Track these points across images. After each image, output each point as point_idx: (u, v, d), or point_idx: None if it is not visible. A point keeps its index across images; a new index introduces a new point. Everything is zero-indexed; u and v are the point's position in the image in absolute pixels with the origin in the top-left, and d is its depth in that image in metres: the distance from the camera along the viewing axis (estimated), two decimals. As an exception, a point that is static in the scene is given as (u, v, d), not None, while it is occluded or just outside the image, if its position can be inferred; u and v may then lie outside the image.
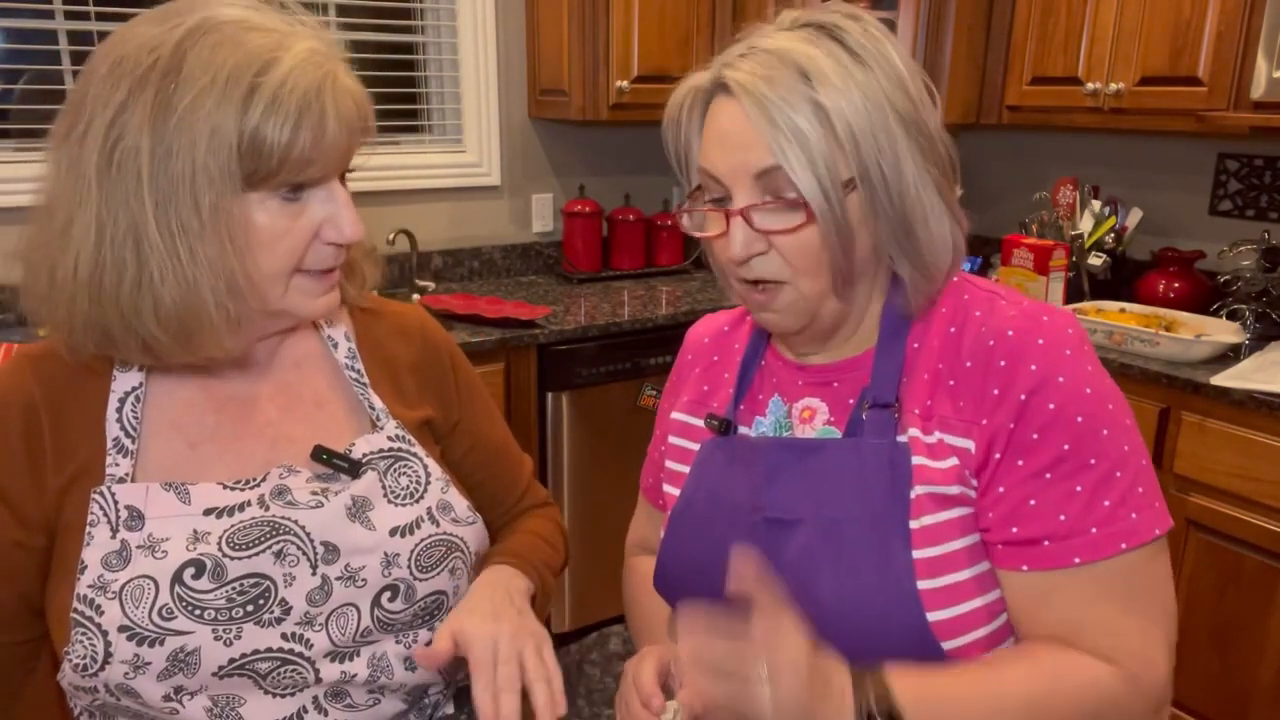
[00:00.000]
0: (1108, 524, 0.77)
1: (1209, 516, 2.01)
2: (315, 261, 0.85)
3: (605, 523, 2.55)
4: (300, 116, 0.78)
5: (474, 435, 1.05)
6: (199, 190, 0.77)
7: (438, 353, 1.05)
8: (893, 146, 0.78)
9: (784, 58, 0.78)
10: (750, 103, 0.77)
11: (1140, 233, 2.63)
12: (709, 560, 0.88)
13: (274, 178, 0.79)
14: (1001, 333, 0.81)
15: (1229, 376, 1.97)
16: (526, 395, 2.44)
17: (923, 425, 0.82)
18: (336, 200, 0.84)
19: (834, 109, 0.76)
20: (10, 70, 2.32)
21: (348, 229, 0.85)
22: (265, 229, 0.81)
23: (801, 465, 0.85)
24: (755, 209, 0.79)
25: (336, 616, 0.86)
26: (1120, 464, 0.78)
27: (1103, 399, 0.79)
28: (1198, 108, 2.17)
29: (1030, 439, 0.78)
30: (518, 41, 2.91)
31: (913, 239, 0.81)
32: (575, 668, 1.04)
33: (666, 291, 2.87)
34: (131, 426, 0.86)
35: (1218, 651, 2.04)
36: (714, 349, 1.02)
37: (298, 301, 0.86)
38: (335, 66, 0.82)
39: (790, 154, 0.76)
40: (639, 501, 1.12)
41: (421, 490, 0.93)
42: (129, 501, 0.83)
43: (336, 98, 0.80)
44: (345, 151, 0.84)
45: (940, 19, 2.62)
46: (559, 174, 3.10)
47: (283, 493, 0.87)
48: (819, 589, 0.80)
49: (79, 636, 0.79)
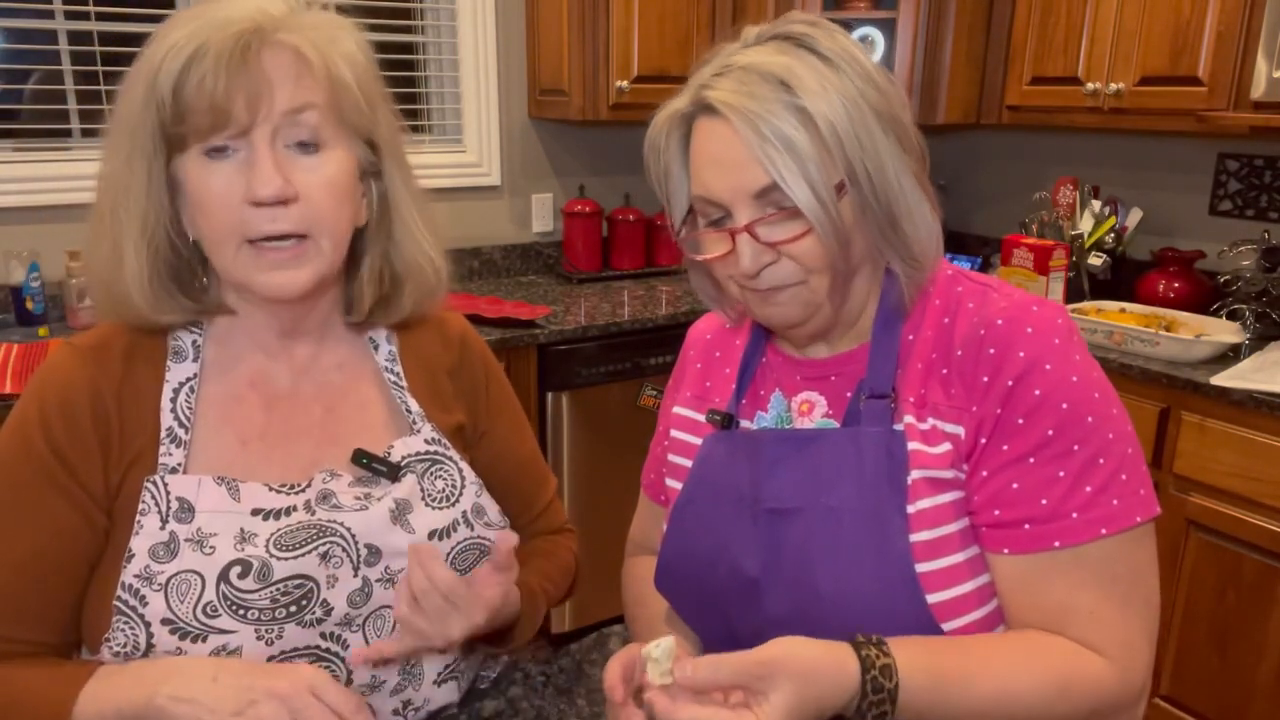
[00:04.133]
0: (1088, 509, 0.78)
1: (1209, 516, 2.01)
2: (251, 226, 0.82)
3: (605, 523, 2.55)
4: (189, 62, 0.78)
5: (498, 448, 1.06)
6: (128, 146, 0.82)
7: (474, 362, 1.06)
8: (873, 144, 0.80)
9: (761, 71, 0.79)
10: (738, 119, 0.78)
11: (1140, 233, 2.63)
12: (710, 554, 0.89)
13: (179, 129, 0.80)
14: (991, 322, 0.82)
15: (1229, 376, 1.97)
16: (526, 395, 2.44)
17: (917, 413, 0.83)
18: (255, 156, 0.81)
19: (817, 113, 0.78)
20: (10, 70, 2.32)
21: (259, 186, 0.80)
22: (196, 188, 0.82)
23: (800, 455, 0.86)
24: (760, 223, 0.80)
25: (374, 618, 0.88)
26: (1104, 450, 0.79)
27: (1088, 387, 0.80)
28: (1198, 108, 2.17)
29: (1015, 424, 0.79)
30: (518, 41, 2.91)
31: (899, 233, 0.83)
32: (575, 668, 1.04)
33: (666, 291, 2.87)
34: (185, 417, 0.87)
35: (1218, 651, 2.04)
36: (716, 345, 1.03)
37: (246, 275, 0.85)
38: (275, 24, 0.81)
39: (782, 166, 0.77)
40: (640, 499, 1.12)
41: (457, 494, 0.94)
42: (180, 493, 0.84)
43: (234, 46, 0.78)
44: (256, 103, 0.80)
45: (940, 19, 2.62)
46: (559, 174, 3.10)
47: (328, 497, 0.88)
48: (818, 576, 0.81)
49: (120, 625, 0.80)
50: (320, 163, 0.84)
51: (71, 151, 2.37)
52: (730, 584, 0.87)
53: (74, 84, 2.35)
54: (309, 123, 0.83)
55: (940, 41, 2.64)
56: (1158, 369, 2.07)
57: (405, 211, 0.94)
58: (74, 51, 2.34)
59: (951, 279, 0.89)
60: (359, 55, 0.87)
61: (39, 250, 2.28)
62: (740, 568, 0.86)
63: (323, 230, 0.85)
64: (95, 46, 2.34)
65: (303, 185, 0.82)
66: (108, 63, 2.36)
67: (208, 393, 0.90)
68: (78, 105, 2.36)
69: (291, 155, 0.83)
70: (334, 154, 0.85)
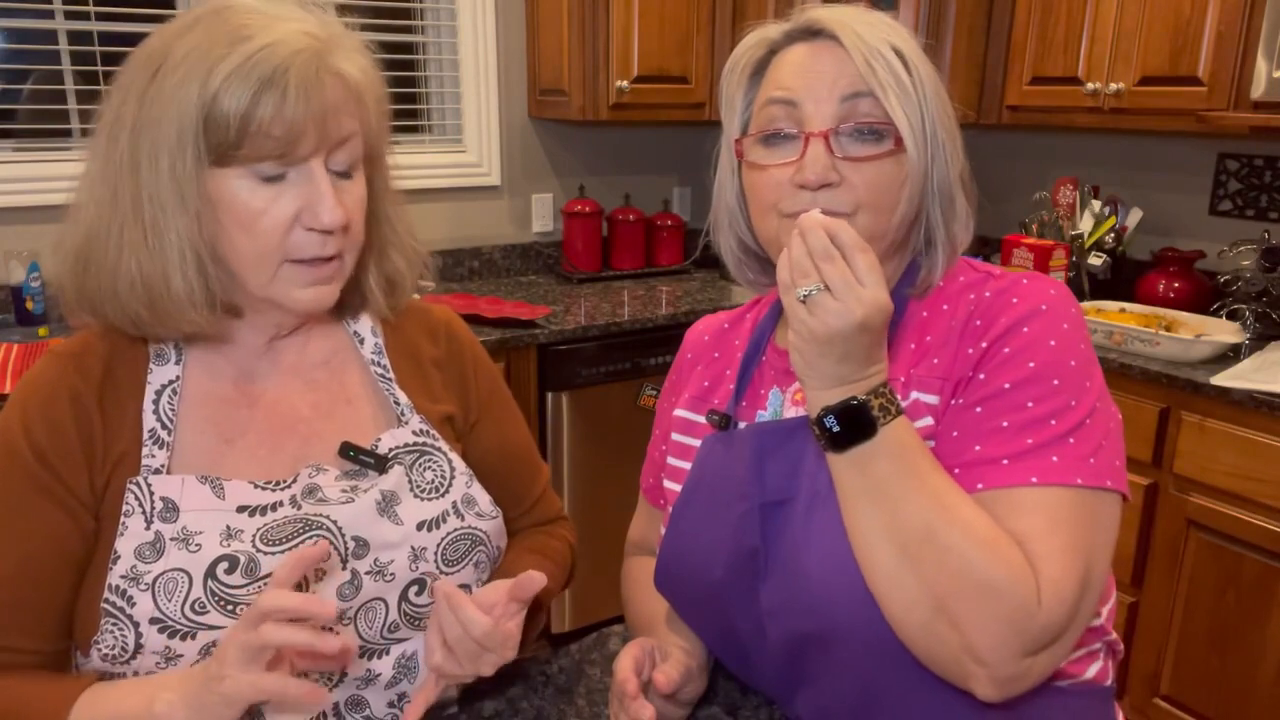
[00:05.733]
0: (1021, 459, 0.76)
1: (1209, 516, 2.01)
2: (300, 249, 0.84)
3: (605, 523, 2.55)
4: (261, 88, 0.77)
5: (489, 438, 1.06)
6: (168, 161, 0.79)
7: (461, 352, 1.06)
8: (949, 119, 0.84)
9: (865, 15, 0.84)
10: (850, 35, 0.81)
11: (1140, 233, 2.63)
12: (709, 555, 0.89)
13: (237, 151, 0.79)
14: (981, 296, 0.84)
15: (1229, 376, 1.97)
16: (526, 395, 2.44)
17: (901, 390, 0.83)
18: (316, 183, 0.82)
19: (914, 63, 0.82)
20: (10, 70, 2.32)
21: (325, 215, 0.82)
22: (241, 208, 0.81)
23: (788, 445, 0.86)
24: (840, 132, 0.82)
25: (365, 611, 0.88)
26: (1058, 413, 0.77)
27: (1065, 353, 0.79)
28: (1198, 108, 2.17)
29: (979, 379, 0.80)
30: (518, 41, 2.91)
31: (954, 206, 0.86)
32: (575, 668, 1.04)
33: (666, 291, 2.87)
34: (168, 418, 0.87)
35: (1218, 651, 2.04)
36: (714, 346, 1.03)
37: (283, 291, 0.85)
38: (326, 47, 0.81)
39: (888, 84, 0.80)
40: (639, 501, 1.12)
41: (446, 484, 0.94)
42: (164, 493, 0.84)
43: (307, 75, 0.79)
44: (323, 132, 0.81)
45: (940, 19, 2.62)
46: (559, 174, 3.10)
47: (313, 491, 0.88)
48: (806, 561, 0.81)
49: (109, 627, 0.80)
50: (354, 185, 0.87)
51: (71, 151, 2.37)
52: (729, 583, 0.87)
53: (74, 84, 2.35)
54: (352, 150, 0.85)
55: (940, 41, 2.64)
56: (1157, 369, 2.07)
57: (391, 210, 0.97)
58: (74, 51, 2.34)
59: (954, 270, 0.90)
60: (376, 72, 0.89)
61: (39, 250, 2.28)
62: (738, 566, 0.86)
63: (351, 247, 0.89)
64: (95, 46, 2.34)
65: (344, 207, 0.85)
66: (108, 63, 2.36)
67: (192, 393, 0.89)
68: (77, 105, 2.36)
69: (334, 180, 0.84)
70: (360, 176, 0.88)
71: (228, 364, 0.92)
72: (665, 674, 0.86)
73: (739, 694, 0.98)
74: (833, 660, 0.82)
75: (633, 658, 0.84)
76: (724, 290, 2.89)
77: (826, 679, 0.84)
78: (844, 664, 0.82)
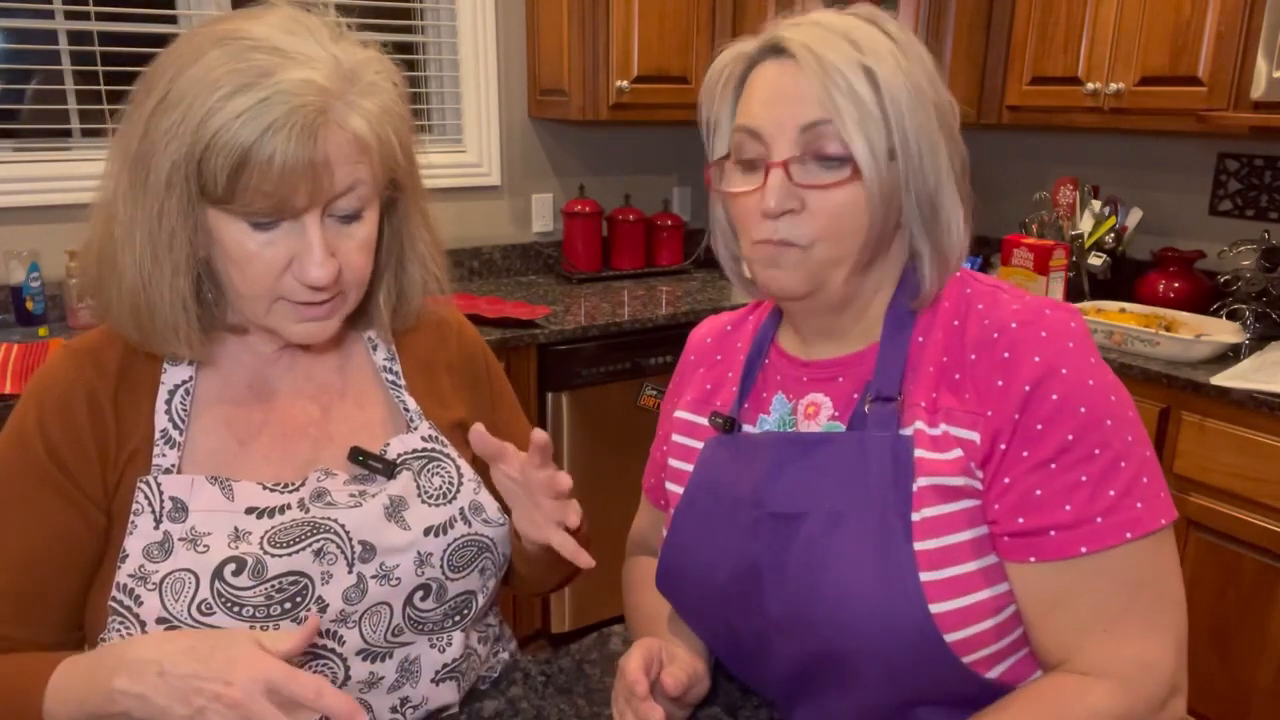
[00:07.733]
0: (1113, 513, 0.77)
1: (1209, 516, 2.01)
2: (293, 293, 0.83)
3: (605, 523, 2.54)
4: (252, 146, 0.75)
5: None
6: (164, 191, 0.78)
7: (473, 356, 1.06)
8: (929, 126, 0.81)
9: (835, 29, 0.81)
10: (808, 59, 0.80)
11: (1140, 233, 2.63)
12: (711, 557, 0.89)
13: (228, 204, 0.78)
14: (1005, 325, 0.82)
15: (1229, 376, 1.97)
16: (526, 395, 2.44)
17: (928, 418, 0.82)
18: (307, 238, 0.80)
19: (883, 78, 0.79)
20: (10, 70, 2.32)
21: (311, 271, 0.81)
22: (235, 248, 0.81)
23: (805, 460, 0.85)
24: (797, 161, 0.81)
25: (370, 615, 0.88)
26: (1124, 454, 0.78)
27: (1105, 391, 0.80)
28: (1198, 108, 2.17)
29: (1034, 429, 0.78)
30: (518, 41, 2.91)
31: (937, 219, 0.84)
32: (575, 668, 1.04)
33: (666, 291, 2.87)
34: (180, 419, 0.88)
35: (1218, 651, 2.04)
36: (717, 348, 1.03)
37: (279, 324, 0.86)
38: (329, 101, 0.77)
39: (844, 110, 0.78)
40: (641, 501, 1.12)
41: (454, 491, 0.95)
42: (174, 493, 0.84)
43: (303, 132, 0.75)
44: (317, 188, 0.79)
45: (940, 19, 2.62)
46: (559, 174, 3.10)
47: (322, 495, 0.89)
48: (820, 580, 0.81)
49: (116, 625, 0.81)
50: (360, 228, 0.85)
51: (71, 152, 2.37)
52: (731, 586, 0.87)
53: (74, 84, 2.35)
54: (358, 197, 0.83)
55: (940, 41, 2.64)
56: (1158, 369, 2.07)
57: (418, 234, 0.96)
58: (74, 52, 2.34)
59: (960, 280, 0.88)
60: (400, 107, 0.85)
61: (39, 250, 2.28)
62: (742, 571, 0.86)
63: (353, 285, 0.87)
64: (95, 47, 2.34)
65: (343, 253, 0.83)
66: (108, 63, 2.35)
67: (204, 394, 0.90)
68: (78, 105, 2.36)
69: (334, 225, 0.83)
70: (370, 215, 0.86)
71: (241, 366, 0.92)
72: (673, 676, 0.86)
73: (739, 694, 0.98)
74: (840, 679, 0.82)
75: (641, 658, 0.84)
76: (724, 290, 2.89)
77: (831, 695, 0.84)
78: (851, 683, 0.82)
